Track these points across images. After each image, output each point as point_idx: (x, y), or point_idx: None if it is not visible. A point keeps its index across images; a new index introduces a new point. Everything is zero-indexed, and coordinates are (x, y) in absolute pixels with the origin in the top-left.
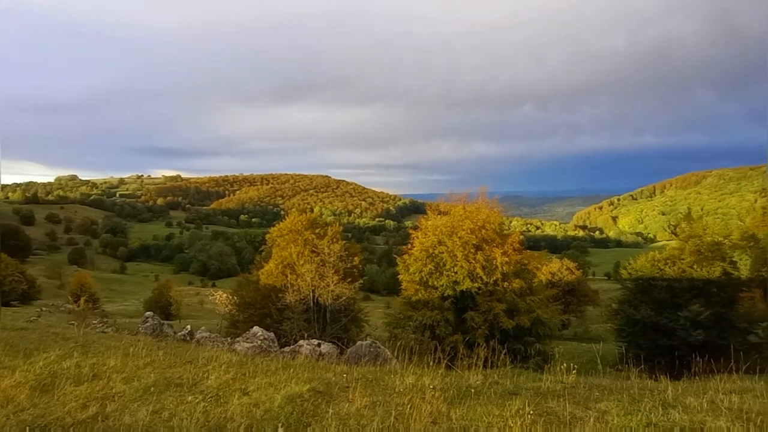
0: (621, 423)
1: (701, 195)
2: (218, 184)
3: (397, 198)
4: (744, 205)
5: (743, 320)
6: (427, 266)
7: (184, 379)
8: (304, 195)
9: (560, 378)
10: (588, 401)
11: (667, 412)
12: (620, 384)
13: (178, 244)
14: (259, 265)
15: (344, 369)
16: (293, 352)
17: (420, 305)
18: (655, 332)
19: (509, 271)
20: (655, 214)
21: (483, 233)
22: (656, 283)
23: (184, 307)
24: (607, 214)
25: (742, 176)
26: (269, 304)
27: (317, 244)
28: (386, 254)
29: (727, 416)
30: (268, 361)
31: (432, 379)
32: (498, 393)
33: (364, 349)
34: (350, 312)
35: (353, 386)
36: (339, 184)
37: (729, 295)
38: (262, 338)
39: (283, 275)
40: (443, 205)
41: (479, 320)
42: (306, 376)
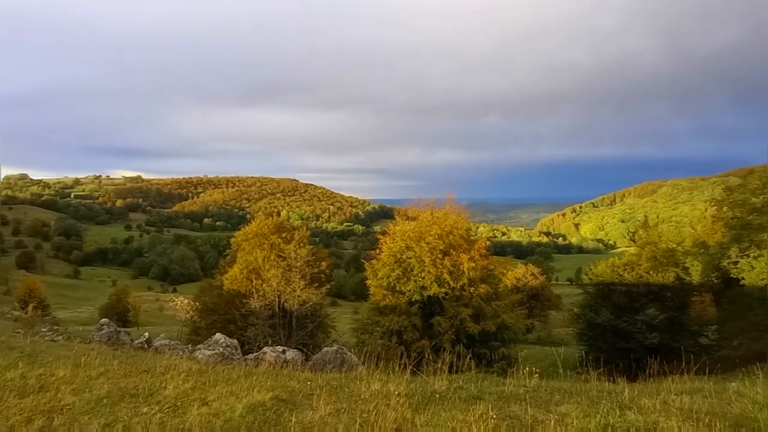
0: (580, 425)
1: (657, 203)
2: (181, 186)
3: (366, 202)
4: (696, 213)
5: (694, 323)
6: (395, 271)
7: (140, 390)
8: (271, 198)
9: (523, 382)
10: (549, 404)
11: (623, 413)
12: (580, 387)
13: (137, 247)
14: (224, 270)
15: (309, 376)
16: (257, 359)
17: (388, 310)
18: (614, 335)
19: (476, 277)
20: (615, 221)
21: (450, 239)
22: (615, 288)
23: (143, 314)
24: (569, 221)
25: (694, 186)
26: (233, 310)
27: (284, 248)
28: (354, 259)
29: (678, 416)
30: (230, 369)
31: (397, 385)
32: (462, 398)
33: (331, 355)
34: (317, 318)
35: (317, 394)
36: (307, 187)
37: (682, 299)
38: (225, 345)
39: (248, 280)
40: (411, 211)
41: (446, 325)
42: (269, 384)
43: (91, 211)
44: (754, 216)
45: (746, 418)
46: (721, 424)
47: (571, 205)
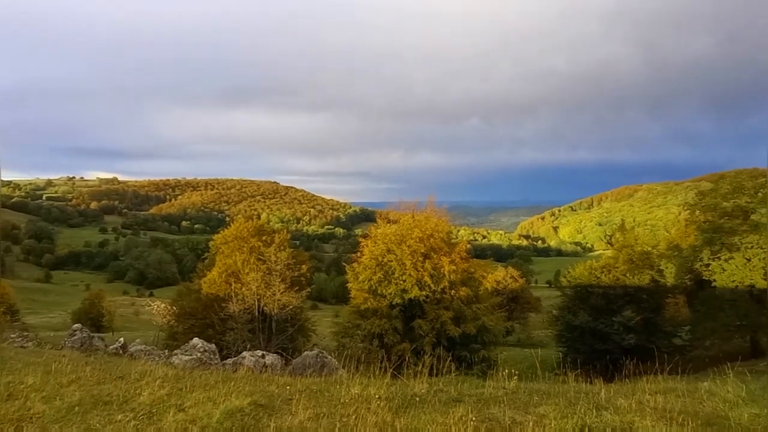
0: (558, 426)
1: (633, 207)
2: (158, 188)
3: (347, 206)
4: (670, 217)
5: (669, 324)
6: (377, 275)
7: (114, 397)
8: (251, 201)
9: (502, 384)
10: (528, 406)
11: (600, 413)
12: (558, 388)
13: (112, 251)
14: (202, 274)
15: (288, 381)
16: (235, 364)
17: (369, 314)
18: (591, 337)
19: (456, 280)
20: (593, 224)
21: (431, 242)
22: (593, 290)
23: (118, 319)
24: (548, 224)
25: (668, 191)
26: (211, 314)
27: (264, 251)
28: (335, 262)
29: (652, 416)
30: (208, 375)
31: (378, 388)
32: (442, 401)
33: (311, 359)
34: (297, 321)
35: (297, 398)
36: (288, 190)
37: (657, 301)
38: (203, 350)
39: (227, 284)
40: (393, 214)
41: (427, 328)
42: (247, 390)
43: (64, 214)
44: (725, 220)
45: (717, 416)
46: (693, 422)
47: (550, 209)
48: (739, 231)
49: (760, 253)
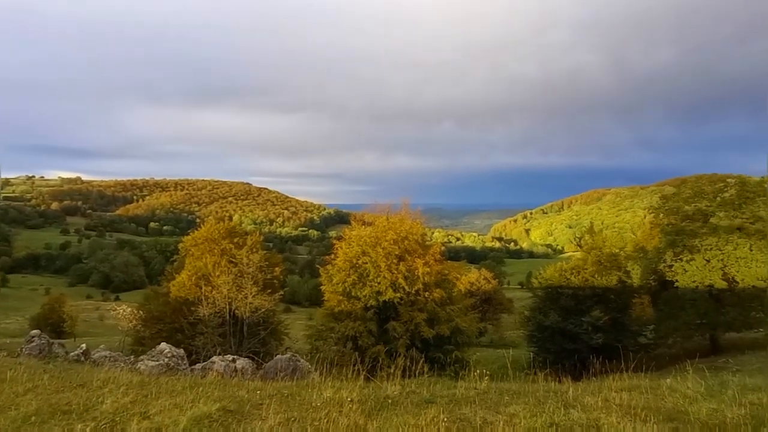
0: (527, 425)
1: (602, 210)
2: (125, 189)
3: (322, 207)
4: (636, 220)
5: (635, 324)
6: (351, 277)
7: (74, 405)
8: (223, 202)
9: (474, 384)
10: (498, 405)
11: (568, 411)
12: (528, 387)
13: (75, 253)
14: (171, 277)
15: (259, 385)
16: (205, 369)
17: (343, 316)
18: (561, 337)
19: (430, 281)
20: (563, 227)
21: (406, 244)
22: (563, 291)
23: (81, 324)
24: (521, 226)
25: (634, 194)
26: (180, 319)
27: (235, 254)
28: (309, 265)
29: (617, 412)
30: (175, 381)
31: (350, 391)
32: (414, 402)
33: (283, 363)
34: (269, 325)
35: (267, 403)
36: (261, 192)
37: (623, 301)
38: (170, 355)
39: (196, 287)
40: (367, 216)
41: (401, 330)
42: (216, 395)
43: (22, 214)
44: (686, 223)
45: (678, 411)
46: (655, 418)
47: (522, 212)
48: (700, 234)
49: (719, 254)
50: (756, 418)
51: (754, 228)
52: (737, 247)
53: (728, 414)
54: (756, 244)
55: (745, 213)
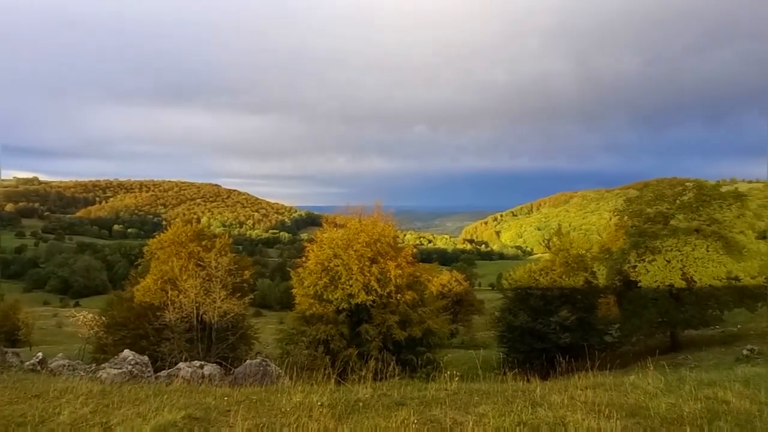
0: (496, 424)
1: (569, 213)
2: (87, 190)
3: (293, 209)
4: (602, 222)
5: (601, 323)
6: (322, 279)
7: (29, 417)
8: (191, 204)
9: (444, 386)
10: (468, 406)
11: (535, 410)
12: (497, 387)
13: (31, 257)
14: (135, 281)
15: (227, 391)
16: (171, 376)
17: (314, 319)
18: (531, 337)
19: (402, 284)
20: (532, 229)
21: (378, 246)
22: (532, 292)
23: (38, 332)
24: (491, 228)
25: (600, 197)
26: (145, 324)
27: (203, 257)
28: (280, 267)
29: (582, 409)
30: (138, 389)
31: (321, 395)
32: (385, 405)
33: (253, 368)
34: (239, 329)
35: (235, 409)
36: (230, 193)
37: (590, 301)
38: (134, 363)
39: (162, 291)
40: (339, 218)
41: (373, 333)
42: (182, 402)
43: None
44: (648, 225)
45: (639, 407)
46: (618, 413)
47: (492, 214)
48: (661, 235)
49: (678, 255)
50: (711, 412)
51: (710, 230)
52: (695, 248)
53: (685, 408)
54: (712, 245)
55: (702, 215)
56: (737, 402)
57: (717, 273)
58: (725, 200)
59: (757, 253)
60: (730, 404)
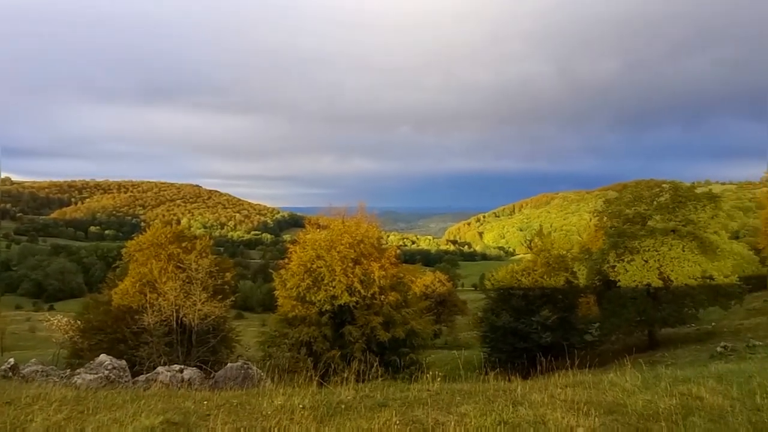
0: (477, 423)
1: (551, 214)
2: (62, 191)
3: (275, 210)
4: (582, 223)
5: (581, 322)
6: (305, 281)
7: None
8: (170, 205)
9: (427, 386)
10: (450, 406)
11: (516, 409)
12: (479, 387)
13: (3, 260)
14: (112, 284)
15: (207, 395)
16: (149, 380)
17: (297, 321)
18: (513, 336)
19: (386, 285)
20: (515, 230)
21: (361, 247)
22: (514, 292)
23: (10, 337)
24: (474, 229)
25: (580, 199)
26: (123, 328)
27: (183, 258)
28: (262, 269)
29: (562, 408)
30: (115, 394)
31: (302, 398)
32: (368, 406)
33: (235, 371)
34: (220, 332)
35: (215, 413)
36: (211, 194)
37: (571, 300)
38: (111, 367)
39: (141, 294)
40: (323, 219)
41: (357, 334)
42: (160, 407)
43: None
44: (627, 225)
45: (617, 404)
46: (596, 411)
47: (475, 215)
48: (639, 235)
49: (656, 255)
50: (685, 408)
51: (686, 230)
52: (671, 248)
53: (661, 405)
54: (688, 245)
55: (678, 216)
56: (710, 398)
57: (692, 272)
58: (700, 201)
59: (730, 253)
60: (703, 400)
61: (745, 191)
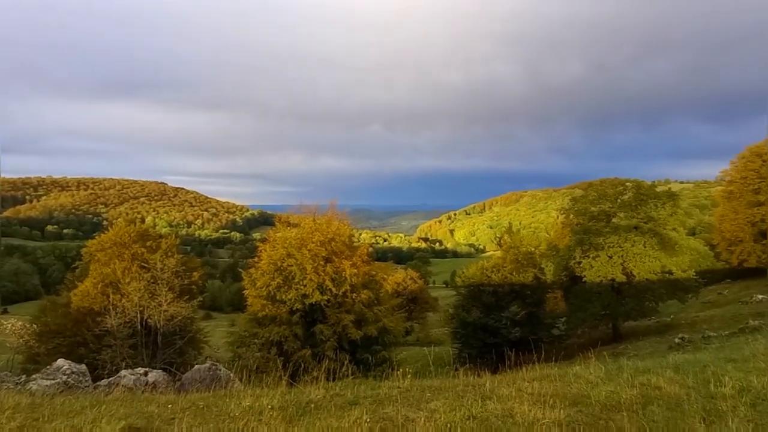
0: (447, 419)
1: (519, 211)
2: (15, 188)
3: (245, 209)
4: (549, 220)
5: (549, 317)
6: (276, 280)
7: None
8: (134, 203)
9: (397, 383)
10: (420, 402)
11: (485, 403)
12: (449, 383)
13: None
14: (72, 285)
15: (172, 398)
16: (111, 385)
17: (267, 321)
18: (483, 332)
19: (358, 283)
20: (485, 227)
21: (333, 245)
22: (484, 288)
23: None
24: (445, 227)
25: (548, 197)
26: (84, 331)
27: (148, 258)
28: (231, 268)
29: (529, 401)
30: (73, 400)
31: (271, 398)
32: (338, 405)
33: (202, 373)
34: (187, 333)
35: (180, 417)
36: (177, 192)
37: (539, 296)
38: (69, 372)
39: (103, 296)
40: (293, 218)
41: (328, 333)
42: (122, 412)
43: None
44: (592, 223)
45: (581, 396)
46: (561, 403)
47: (446, 213)
48: (603, 232)
49: (619, 251)
50: (645, 397)
51: (647, 227)
52: (634, 244)
53: (623, 395)
54: (649, 242)
55: (640, 213)
56: (668, 387)
57: (653, 267)
58: (660, 199)
59: (688, 249)
60: (662, 389)
61: (702, 190)
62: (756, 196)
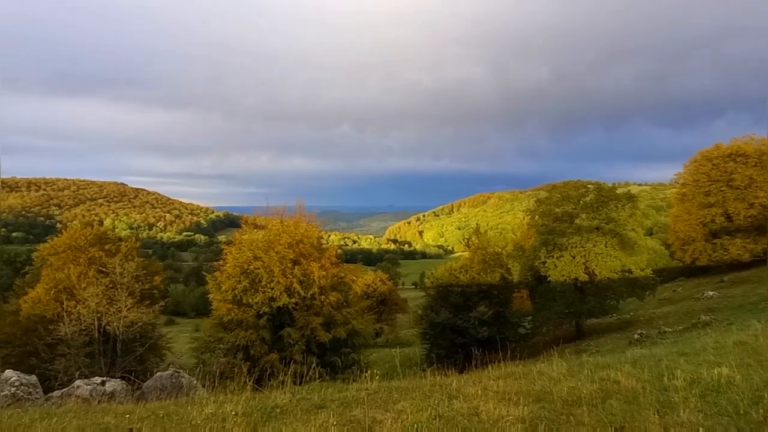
0: (414, 419)
1: (487, 213)
2: None
3: (209, 210)
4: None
5: (515, 316)
6: (242, 283)
7: None
8: (91, 205)
9: (365, 385)
10: (388, 404)
11: (451, 402)
12: (416, 383)
13: None
14: (22, 291)
15: (130, 408)
16: (65, 396)
17: (233, 325)
18: (452, 332)
19: (326, 285)
20: (453, 228)
21: (301, 247)
22: (453, 289)
23: None
24: (414, 228)
25: (514, 198)
26: (35, 340)
27: (106, 262)
28: (195, 272)
29: (494, 399)
30: (22, 413)
31: (235, 404)
32: (305, 409)
33: (165, 380)
34: (148, 340)
35: (138, 427)
36: (138, 193)
37: (505, 296)
38: (18, 384)
39: (56, 302)
40: (260, 219)
41: (296, 336)
42: (75, 425)
43: None
44: (556, 224)
45: (544, 392)
46: (525, 400)
47: (415, 214)
48: (567, 233)
49: (582, 251)
50: (604, 392)
51: (608, 228)
52: (596, 245)
53: (584, 390)
54: (610, 242)
55: (601, 214)
56: (626, 381)
57: (613, 266)
58: (620, 201)
59: (645, 248)
60: (620, 384)
61: (658, 192)
62: (707, 198)
